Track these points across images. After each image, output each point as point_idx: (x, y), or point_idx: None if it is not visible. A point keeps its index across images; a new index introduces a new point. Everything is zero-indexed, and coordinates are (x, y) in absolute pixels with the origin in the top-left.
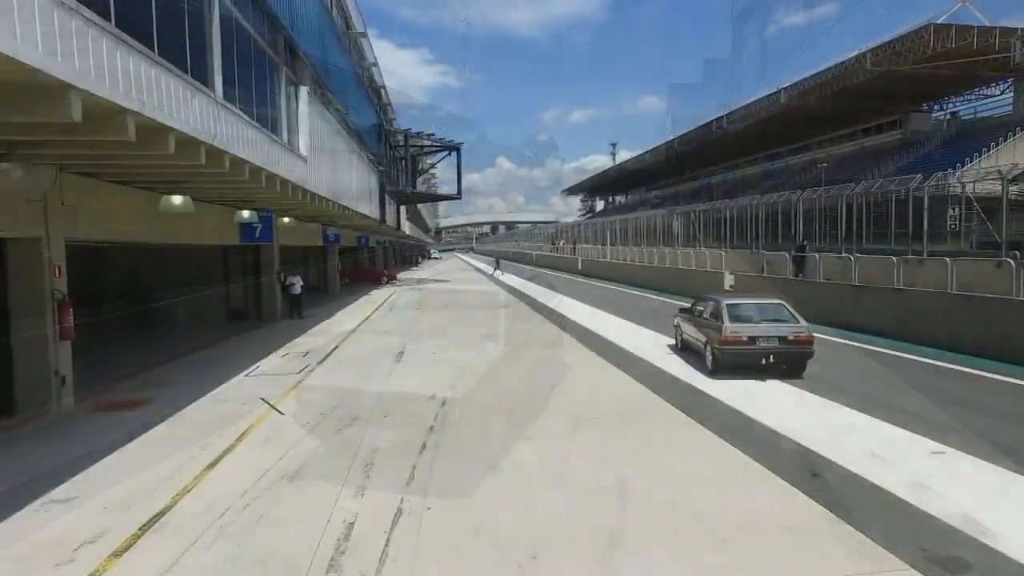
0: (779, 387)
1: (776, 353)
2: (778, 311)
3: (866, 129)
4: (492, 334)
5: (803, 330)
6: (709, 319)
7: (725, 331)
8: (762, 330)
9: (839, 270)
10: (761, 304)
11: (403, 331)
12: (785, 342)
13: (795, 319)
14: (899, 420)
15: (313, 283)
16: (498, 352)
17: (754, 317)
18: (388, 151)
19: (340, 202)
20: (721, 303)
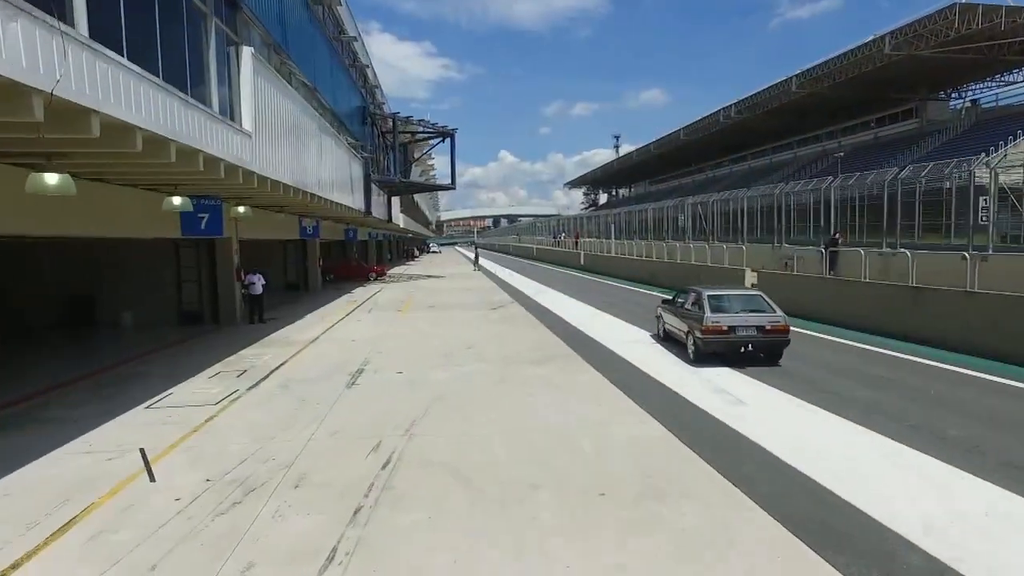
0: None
1: (754, 342)
2: (756, 302)
3: (880, 118)
4: (477, 344)
5: (779, 320)
6: (691, 309)
7: (706, 321)
8: (741, 320)
9: (879, 268)
10: (740, 295)
11: (374, 340)
12: (763, 331)
13: (772, 309)
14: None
15: (293, 280)
16: (481, 372)
17: (734, 307)
18: (376, 138)
19: (307, 190)
20: (703, 294)
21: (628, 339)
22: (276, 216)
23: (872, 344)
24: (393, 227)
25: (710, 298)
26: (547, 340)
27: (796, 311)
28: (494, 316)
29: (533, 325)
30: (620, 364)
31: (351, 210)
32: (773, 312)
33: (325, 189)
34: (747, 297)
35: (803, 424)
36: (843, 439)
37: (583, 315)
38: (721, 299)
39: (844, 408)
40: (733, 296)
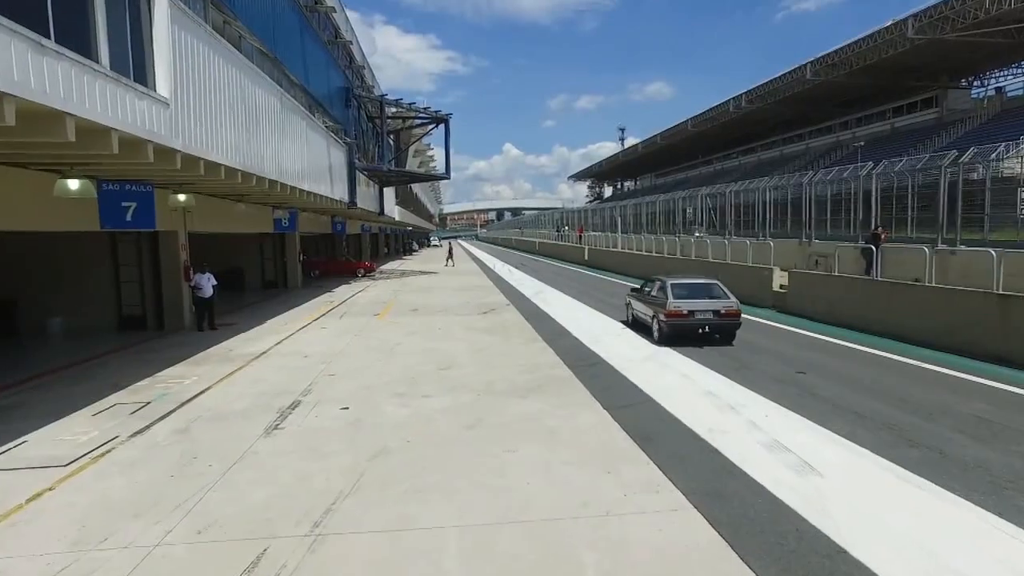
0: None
1: (710, 324)
2: (713, 289)
3: (897, 108)
4: (456, 363)
5: (733, 305)
6: (656, 295)
7: (669, 305)
8: (699, 305)
9: (937, 269)
10: (699, 283)
11: (331, 355)
12: (718, 315)
13: (727, 296)
14: None
15: (271, 278)
16: (451, 408)
17: (693, 293)
18: (362, 123)
19: (265, 176)
20: (667, 282)
21: (641, 355)
22: (236, 207)
23: (948, 366)
24: (387, 220)
25: (672, 286)
26: (542, 357)
27: (835, 318)
28: (483, 323)
29: (527, 336)
30: (632, 394)
31: (331, 201)
32: (728, 298)
33: (292, 176)
34: (706, 285)
35: (938, 536)
36: (991, 549)
37: (586, 322)
38: (682, 287)
39: (972, 486)
40: (693, 284)
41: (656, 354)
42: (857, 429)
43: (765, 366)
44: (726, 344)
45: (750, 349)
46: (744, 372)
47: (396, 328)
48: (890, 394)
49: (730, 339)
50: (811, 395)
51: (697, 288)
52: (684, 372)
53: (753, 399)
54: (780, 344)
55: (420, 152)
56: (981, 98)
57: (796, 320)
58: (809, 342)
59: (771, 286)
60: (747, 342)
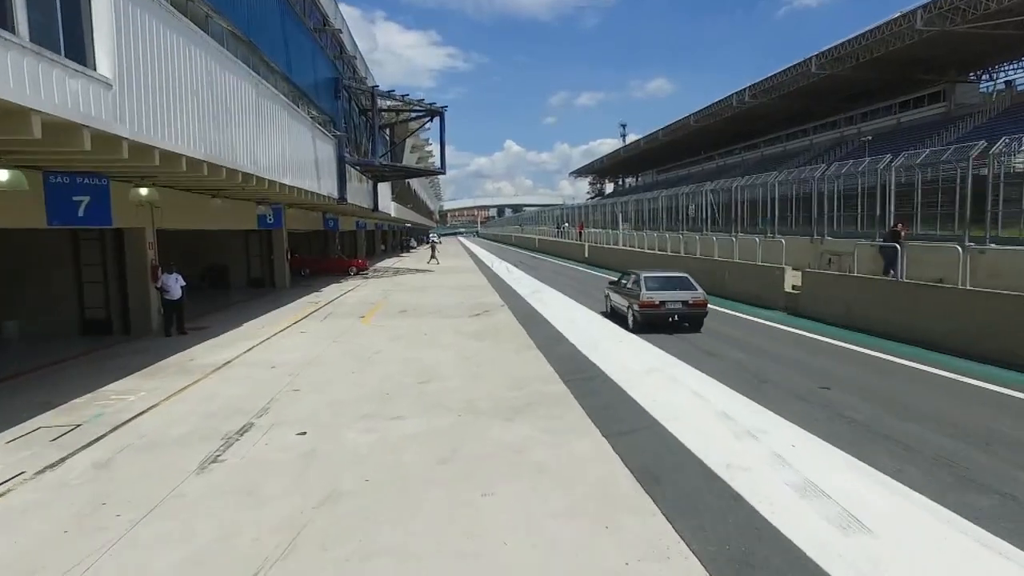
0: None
1: (679, 313)
2: (683, 282)
3: (904, 102)
4: (438, 375)
5: (700, 296)
6: (631, 288)
7: (642, 297)
8: (669, 296)
9: (947, 266)
10: (670, 276)
11: (301, 366)
12: (687, 305)
13: (695, 288)
14: None
15: (257, 276)
16: (424, 433)
17: (664, 286)
18: (354, 116)
19: (238, 168)
20: (640, 276)
21: (645, 366)
22: (211, 202)
23: (988, 379)
24: (383, 216)
25: (645, 279)
26: (534, 367)
27: (853, 322)
28: (474, 327)
29: (520, 342)
30: (635, 416)
31: (319, 196)
32: (695, 290)
33: (271, 170)
34: (676, 278)
35: None
36: None
37: (584, 325)
38: (654, 280)
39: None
40: (664, 277)
41: (663, 366)
42: (904, 464)
43: (784, 379)
44: (694, 331)
45: (766, 358)
46: (762, 388)
47: (380, 333)
48: (932, 416)
49: (698, 327)
50: (841, 417)
51: (668, 281)
52: (695, 388)
53: (775, 423)
54: (797, 352)
55: (418, 148)
56: (990, 92)
57: (811, 324)
58: (829, 350)
59: (782, 286)
60: (761, 350)
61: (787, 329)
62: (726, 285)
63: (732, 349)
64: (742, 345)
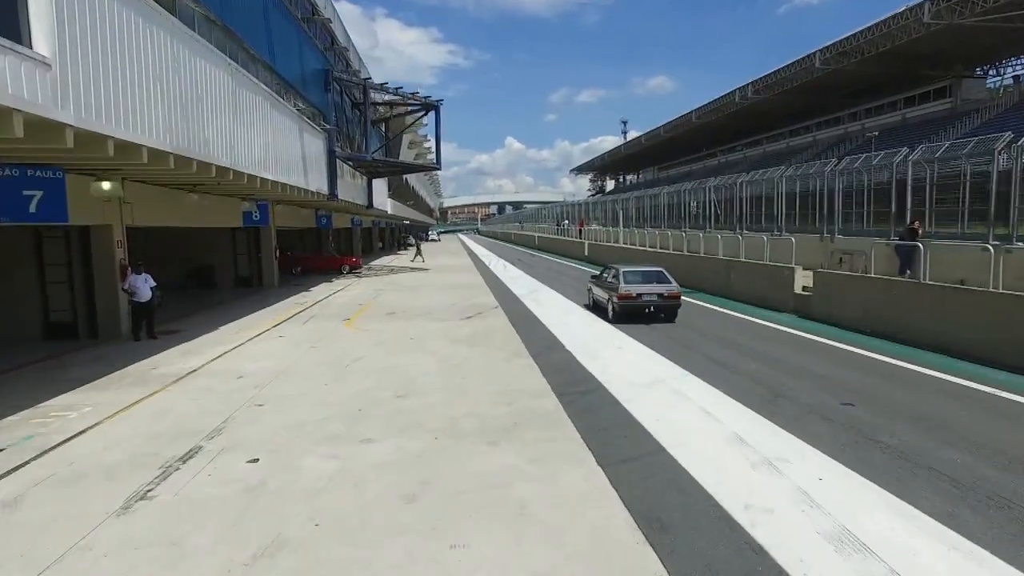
0: None
1: (655, 305)
2: (659, 276)
3: (909, 98)
4: (419, 387)
5: (674, 289)
6: (611, 281)
7: (620, 289)
8: (645, 289)
9: (973, 267)
10: (646, 271)
11: (271, 375)
12: (662, 297)
13: (669, 281)
14: None
15: (244, 275)
16: (392, 462)
17: (641, 279)
18: (346, 110)
19: (211, 162)
20: (619, 270)
21: (648, 377)
22: (189, 198)
23: None
24: (378, 213)
25: (624, 273)
26: (525, 379)
27: (870, 326)
28: (464, 331)
29: (512, 349)
30: (637, 440)
31: (307, 192)
32: (670, 283)
33: (251, 164)
34: (652, 272)
35: None
36: None
37: (582, 330)
38: (632, 274)
39: None
40: (641, 271)
41: (668, 377)
42: (957, 506)
43: (801, 393)
44: (668, 322)
45: (779, 368)
46: (778, 404)
47: (363, 337)
48: (975, 440)
49: (673, 317)
50: (871, 442)
51: (644, 275)
52: (704, 405)
53: (796, 449)
54: (813, 361)
55: (416, 144)
56: (997, 87)
57: (824, 328)
58: (847, 358)
59: (792, 287)
60: (774, 358)
61: (799, 334)
62: (731, 285)
63: (742, 357)
64: (753, 353)
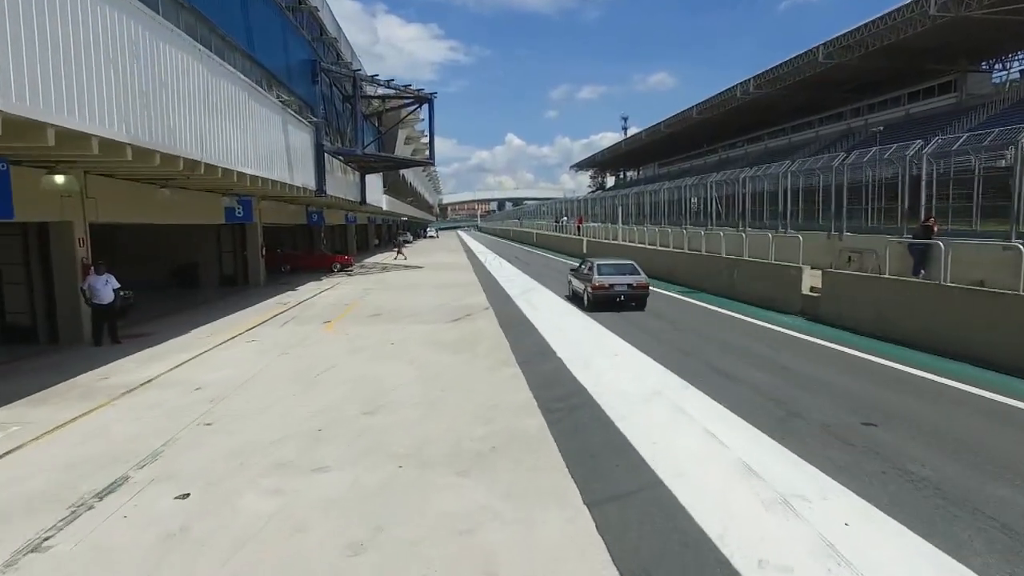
0: None
1: (625, 294)
2: (629, 268)
3: (913, 93)
4: (392, 400)
5: (643, 280)
6: (587, 273)
7: (594, 281)
8: (617, 280)
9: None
10: (618, 263)
11: (231, 388)
12: (631, 287)
13: (639, 273)
14: None
15: (229, 273)
16: (347, 499)
17: (614, 272)
18: (336, 102)
19: (179, 154)
20: (594, 263)
21: (646, 389)
22: (160, 193)
23: None
24: (373, 209)
25: (598, 266)
26: (509, 392)
27: (885, 331)
28: (450, 335)
29: (499, 356)
30: (630, 470)
31: (292, 188)
32: (639, 275)
33: (227, 158)
34: (624, 265)
35: None
36: None
37: (576, 335)
38: (605, 267)
39: None
40: (613, 264)
41: (667, 389)
42: (1019, 566)
43: (816, 410)
44: (639, 310)
45: (790, 380)
46: (791, 424)
47: (341, 342)
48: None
49: (642, 306)
50: (902, 473)
51: (617, 267)
52: (707, 424)
53: (816, 482)
54: (826, 371)
55: (413, 139)
56: (1003, 82)
57: (834, 332)
58: (863, 367)
59: (800, 288)
60: (782, 367)
61: (808, 339)
62: (735, 285)
63: (748, 367)
64: (759, 360)
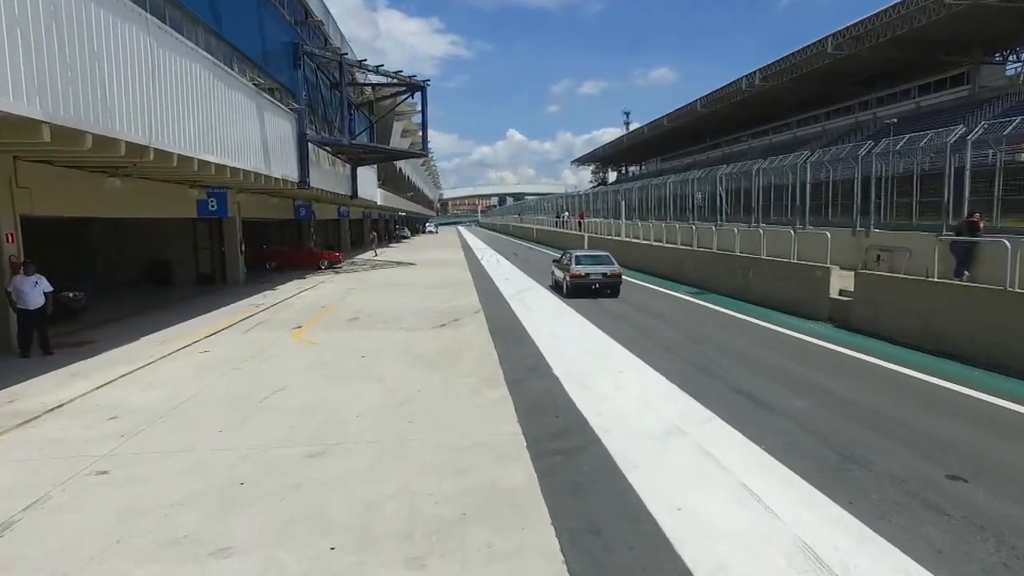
0: None
1: (600, 283)
2: (605, 259)
3: (923, 86)
4: (345, 439)
5: (616, 269)
6: (566, 263)
7: (572, 270)
8: (592, 270)
9: None
10: (594, 255)
11: (155, 416)
12: (605, 276)
13: (612, 264)
14: None
15: (206, 271)
16: None
17: (589, 262)
18: (322, 89)
19: (119, 137)
20: (572, 254)
21: (664, 422)
22: (110, 183)
23: None
24: (367, 203)
25: (576, 256)
26: (492, 427)
27: (934, 344)
28: (431, 346)
29: (484, 373)
30: (652, 558)
31: (270, 179)
32: (612, 265)
33: (186, 143)
34: (599, 256)
35: None
36: None
37: (575, 344)
38: (582, 258)
39: None
40: (590, 255)
41: (688, 423)
42: None
43: (881, 456)
44: (613, 296)
45: (837, 410)
46: (852, 476)
47: (304, 354)
48: None
49: (616, 293)
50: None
51: (592, 259)
52: (745, 478)
53: None
54: (877, 397)
55: (410, 132)
56: (1017, 74)
57: (872, 344)
58: (927, 395)
59: (827, 291)
60: (823, 391)
61: (844, 352)
62: (750, 286)
63: (781, 389)
64: (793, 381)
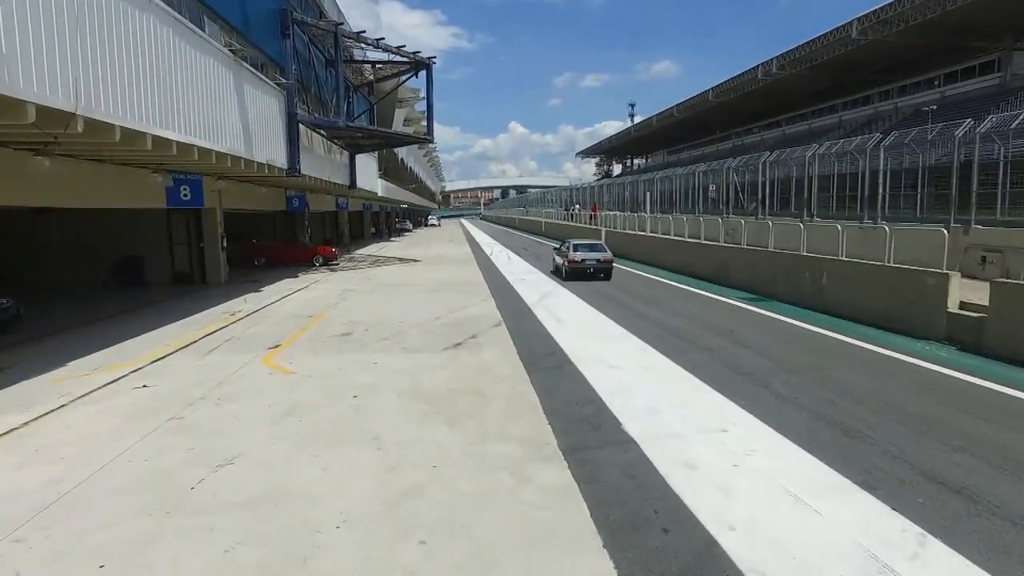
0: None
1: (594, 267)
2: (599, 247)
3: (950, 74)
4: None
5: (608, 255)
6: (565, 251)
7: (570, 256)
8: (588, 256)
9: None
10: (589, 243)
11: (16, 523)
12: (599, 262)
13: (605, 251)
14: None
15: (183, 269)
16: None
17: (585, 249)
18: (316, 66)
19: (32, 101)
20: (570, 242)
21: (845, 546)
22: (37, 164)
23: None
24: (367, 195)
25: (573, 245)
26: (562, 558)
27: None
28: (443, 380)
29: (523, 435)
30: None
31: (251, 164)
32: (605, 252)
33: (130, 114)
34: (593, 244)
35: None
36: None
37: (644, 379)
38: (579, 246)
39: None
40: (586, 244)
41: (879, 545)
42: None
43: None
44: (606, 280)
45: None
46: None
47: (272, 394)
48: None
49: (608, 276)
50: None
51: (588, 247)
52: None
53: None
54: None
55: (413, 121)
56: None
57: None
58: None
59: (944, 303)
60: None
61: (998, 390)
62: (823, 292)
63: (952, 462)
64: (956, 441)
